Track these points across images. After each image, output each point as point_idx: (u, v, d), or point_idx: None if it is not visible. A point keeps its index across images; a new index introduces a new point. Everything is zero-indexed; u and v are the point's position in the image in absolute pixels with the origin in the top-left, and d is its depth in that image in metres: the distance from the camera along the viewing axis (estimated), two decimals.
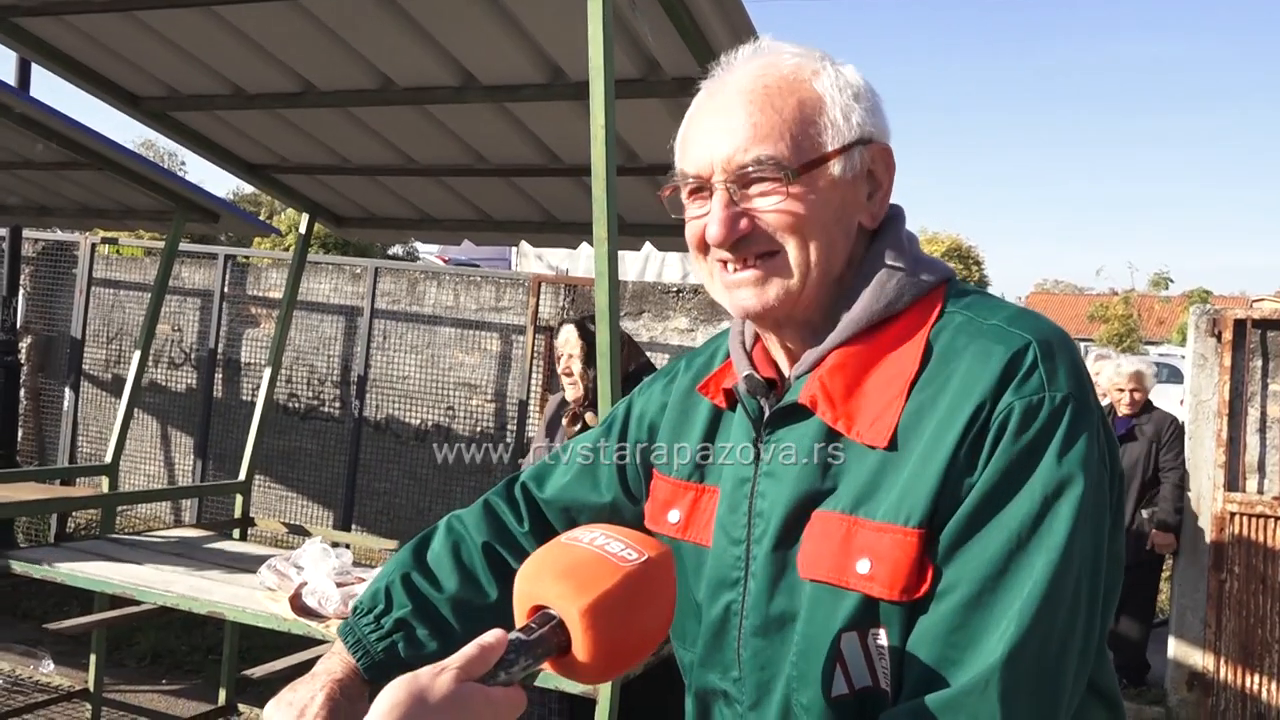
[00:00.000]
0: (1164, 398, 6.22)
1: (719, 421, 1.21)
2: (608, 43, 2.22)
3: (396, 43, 2.99)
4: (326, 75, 3.29)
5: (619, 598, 0.92)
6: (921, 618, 0.97)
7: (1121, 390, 5.85)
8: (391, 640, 1.23)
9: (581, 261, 11.18)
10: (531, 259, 11.59)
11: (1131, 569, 5.54)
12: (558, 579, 0.93)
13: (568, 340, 3.43)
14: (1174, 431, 5.60)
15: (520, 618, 0.95)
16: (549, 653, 0.91)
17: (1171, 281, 32.65)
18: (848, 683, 1.02)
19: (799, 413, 1.08)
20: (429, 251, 17.33)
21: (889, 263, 1.10)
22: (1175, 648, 5.37)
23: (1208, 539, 5.25)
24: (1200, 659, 5.23)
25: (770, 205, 1.06)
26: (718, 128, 1.08)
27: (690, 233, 1.13)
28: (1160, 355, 20.62)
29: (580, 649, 0.91)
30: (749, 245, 1.08)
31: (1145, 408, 5.78)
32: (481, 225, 4.38)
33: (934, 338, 1.04)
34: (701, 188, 1.10)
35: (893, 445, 1.00)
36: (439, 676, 0.82)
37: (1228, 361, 5.27)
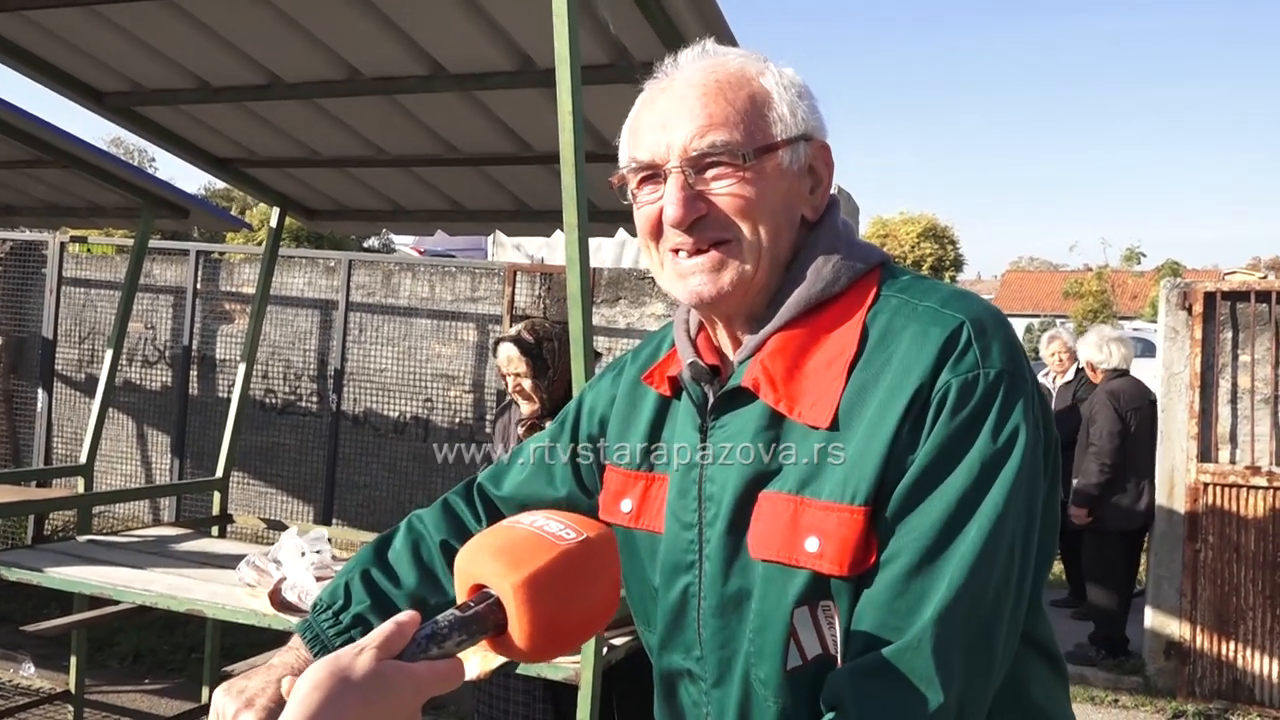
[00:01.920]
0: (1139, 371, 6.31)
1: (666, 411, 1.23)
2: (573, 29, 2.21)
3: (362, 33, 2.97)
4: (292, 67, 3.26)
5: (555, 574, 0.93)
6: (866, 589, 1.01)
7: (1053, 355, 6.52)
8: (349, 635, 1.26)
9: (559, 249, 11.12)
10: (509, 248, 11.54)
11: (1111, 539, 5.62)
12: (494, 557, 0.95)
13: (510, 359, 3.15)
14: (1100, 404, 5.64)
15: (461, 596, 0.96)
16: (485, 630, 0.92)
17: (1144, 256, 32.93)
18: (801, 654, 1.06)
19: (743, 396, 1.11)
20: (404, 243, 17.25)
21: (825, 250, 1.14)
22: (1152, 617, 5.44)
23: (1182, 510, 5.32)
24: (1177, 628, 5.31)
25: (725, 189, 1.09)
26: (672, 116, 1.12)
27: (643, 219, 1.15)
28: (1134, 329, 20.81)
29: (516, 626, 0.92)
30: (704, 229, 1.10)
31: (1106, 379, 5.79)
32: (454, 215, 4.36)
33: (870, 320, 1.08)
34: (655, 174, 1.13)
35: (834, 425, 1.04)
36: (359, 655, 0.83)
37: (1199, 334, 5.33)
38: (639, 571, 1.24)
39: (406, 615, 0.89)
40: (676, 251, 1.13)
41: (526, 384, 3.14)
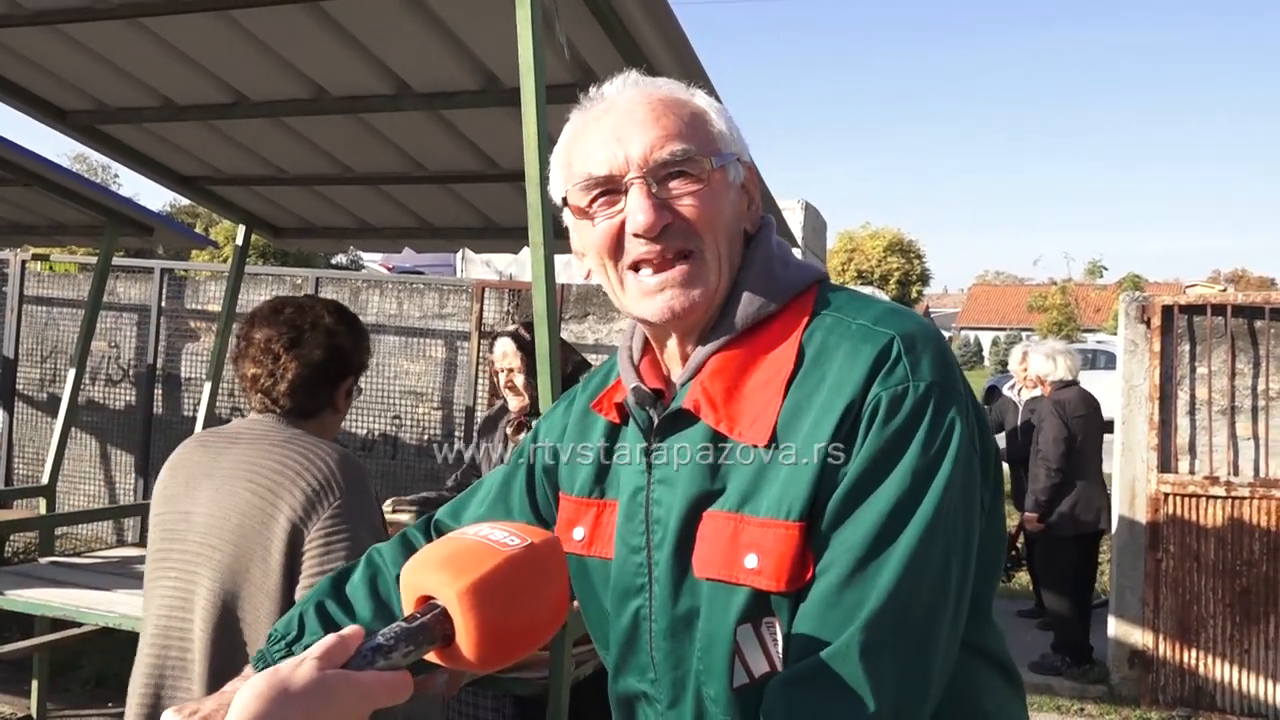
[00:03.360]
0: (1099, 384, 6.42)
1: (616, 437, 1.23)
2: (538, 49, 2.23)
3: (329, 52, 2.98)
4: (258, 86, 3.26)
5: (499, 581, 0.92)
6: (802, 603, 1.02)
7: (1022, 370, 6.46)
8: None
9: (528, 266, 11.13)
10: (478, 265, 11.53)
11: (1061, 544, 5.73)
12: (438, 567, 0.94)
13: (505, 354, 3.30)
14: (1046, 413, 5.80)
15: (408, 609, 0.95)
16: (432, 640, 0.91)
17: (1106, 269, 33.46)
18: (748, 673, 1.06)
19: (685, 418, 1.12)
20: (373, 260, 17.18)
21: (761, 268, 1.14)
22: (1115, 626, 5.51)
23: (1143, 520, 5.40)
24: (1140, 637, 5.38)
25: (688, 199, 1.10)
26: (625, 131, 1.11)
27: (600, 235, 1.13)
28: (1097, 342, 21.06)
29: (463, 634, 0.91)
30: (670, 237, 1.10)
31: (1054, 390, 5.93)
32: (421, 233, 4.37)
33: (806, 339, 1.09)
34: (613, 189, 1.11)
35: (772, 443, 1.05)
36: (299, 666, 0.83)
37: (1157, 347, 5.42)
38: (594, 598, 1.24)
39: (350, 629, 0.88)
40: (637, 269, 1.12)
41: (519, 379, 3.24)
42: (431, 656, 0.93)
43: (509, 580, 0.93)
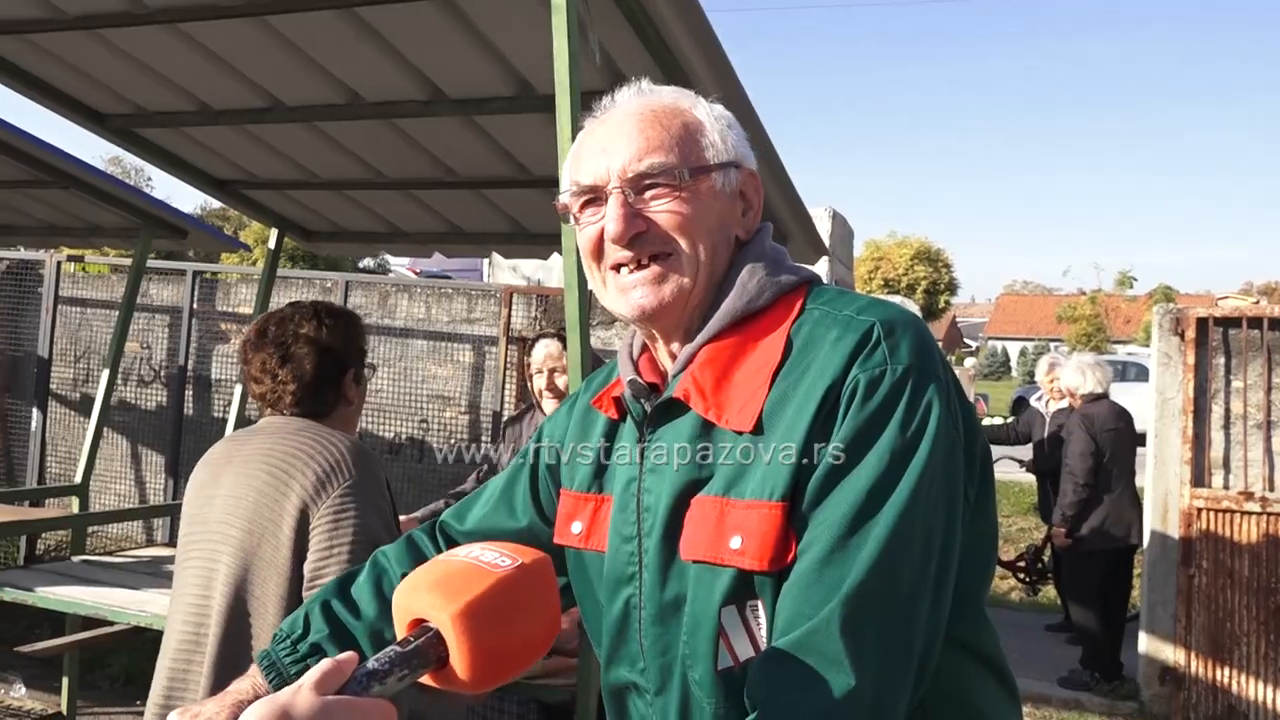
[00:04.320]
0: (1131, 396, 6.36)
1: (615, 433, 1.27)
2: (573, 55, 2.24)
3: (363, 58, 3.00)
4: (293, 91, 3.29)
5: (492, 602, 0.93)
6: (785, 583, 1.04)
7: (1050, 382, 6.54)
8: (306, 664, 1.26)
9: (555, 272, 11.15)
10: (505, 270, 11.56)
11: (1089, 559, 5.67)
12: (430, 590, 0.94)
13: (550, 354, 3.24)
14: (1073, 426, 5.75)
15: (401, 632, 0.96)
16: (427, 664, 0.91)
17: (1136, 280, 33.05)
18: (732, 655, 1.08)
19: (676, 408, 1.16)
20: (400, 264, 17.27)
21: (750, 266, 1.19)
22: (1147, 643, 5.44)
23: (1176, 535, 5.33)
24: (1171, 653, 5.30)
25: (664, 207, 1.15)
26: (612, 142, 1.17)
27: (586, 240, 1.20)
28: (1127, 354, 20.85)
29: (457, 657, 0.91)
30: (644, 244, 1.16)
31: (1084, 404, 5.87)
32: (451, 237, 4.39)
33: (794, 332, 1.12)
34: (596, 198, 1.18)
35: (758, 429, 1.08)
36: (299, 692, 0.83)
37: (1191, 359, 5.35)
38: (590, 592, 1.26)
39: (346, 655, 0.89)
40: (618, 269, 1.18)
41: (561, 381, 3.21)
42: (426, 679, 0.93)
43: (501, 601, 0.94)
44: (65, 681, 4.05)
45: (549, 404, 3.26)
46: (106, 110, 3.59)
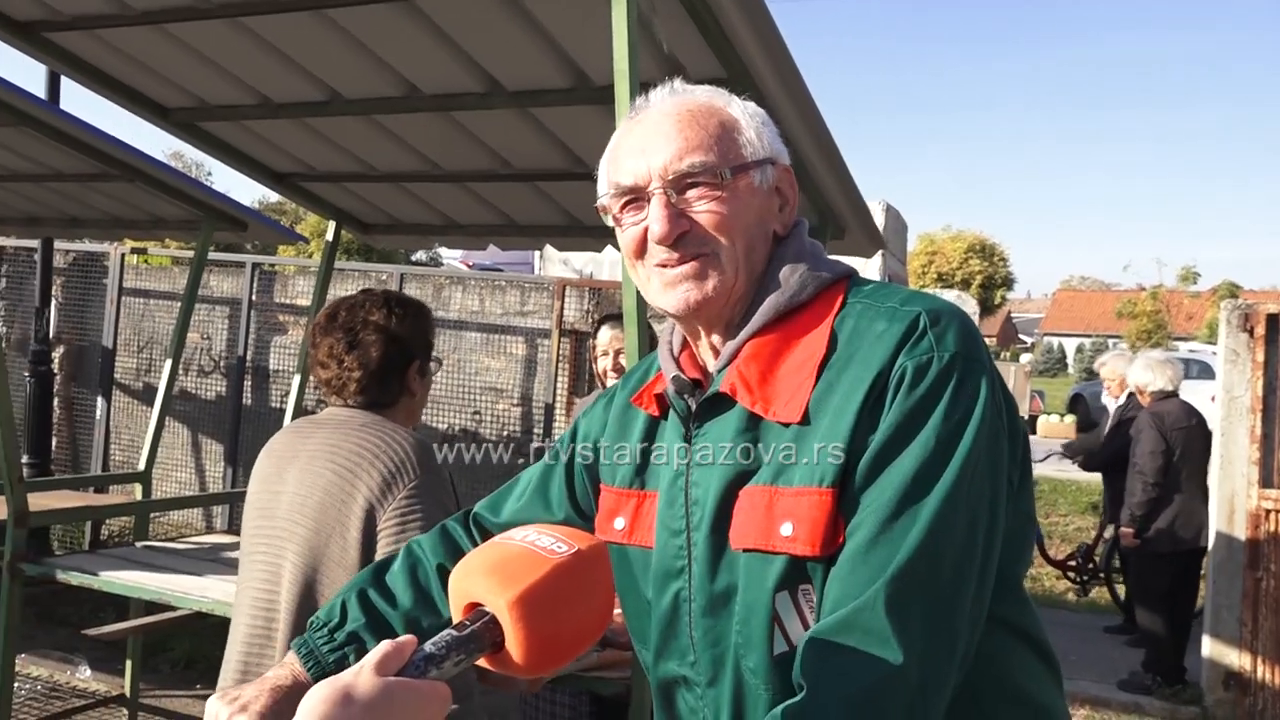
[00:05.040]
0: (1194, 394, 6.25)
1: (655, 430, 1.29)
2: (632, 47, 2.22)
3: (422, 50, 3.01)
4: (352, 83, 3.31)
5: (548, 589, 0.93)
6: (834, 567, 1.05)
7: (1111, 377, 6.56)
8: (343, 653, 1.30)
9: (605, 265, 11.19)
10: (556, 263, 11.60)
11: (1156, 561, 5.54)
12: (487, 574, 0.95)
13: (615, 336, 3.35)
14: (1144, 425, 5.62)
15: (457, 615, 0.97)
16: (483, 648, 0.92)
17: (1199, 276, 32.23)
18: (787, 640, 1.09)
19: (722, 402, 1.17)
20: (452, 257, 17.40)
21: (792, 261, 1.21)
22: (1210, 647, 5.31)
23: (1242, 536, 5.19)
24: (1236, 658, 5.17)
25: (706, 206, 1.17)
26: (651, 143, 1.19)
27: (628, 240, 1.22)
28: (1190, 351, 20.38)
29: (513, 642, 0.92)
30: (687, 244, 1.18)
31: (1153, 401, 5.74)
32: (506, 230, 4.40)
33: (838, 325, 1.14)
34: (638, 198, 1.20)
35: (805, 420, 1.10)
36: (360, 674, 0.84)
37: (1261, 357, 5.21)
38: (633, 588, 1.27)
39: (405, 637, 0.91)
40: (662, 266, 1.19)
41: (626, 363, 3.22)
42: (481, 661, 0.94)
43: (558, 588, 0.94)
44: (129, 664, 4.13)
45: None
46: (170, 104, 3.64)
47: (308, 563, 1.95)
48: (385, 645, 0.88)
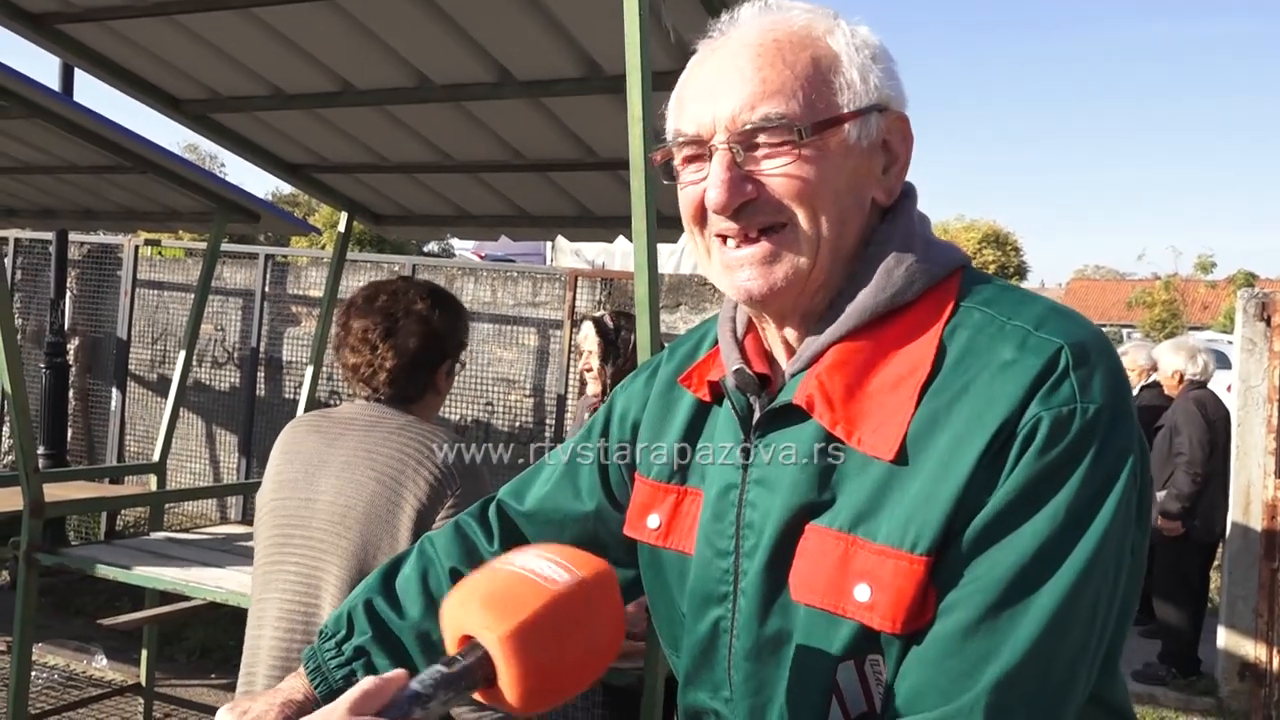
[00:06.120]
0: (1210, 384, 6.20)
1: (704, 418, 1.11)
2: (644, 36, 2.21)
3: (433, 40, 3.01)
4: (364, 74, 3.31)
5: (546, 622, 0.86)
6: (915, 645, 0.89)
7: (1132, 367, 6.44)
8: (351, 668, 1.20)
9: (617, 256, 11.18)
10: (568, 254, 11.61)
11: (1189, 551, 5.51)
12: (481, 606, 0.87)
13: (587, 337, 3.42)
14: (1188, 414, 5.57)
15: (451, 647, 0.89)
16: (474, 685, 0.86)
17: (1215, 265, 31.98)
18: (844, 713, 0.94)
19: (794, 414, 0.98)
20: (464, 248, 17.43)
21: (898, 247, 0.99)
22: (1226, 638, 5.28)
23: (1259, 527, 5.16)
24: (1252, 649, 5.15)
25: (778, 169, 0.95)
26: (721, 83, 0.97)
27: (686, 201, 1.01)
28: (1206, 340, 20.26)
29: (506, 680, 0.85)
30: (753, 214, 0.97)
31: (1187, 389, 5.72)
32: (518, 221, 4.39)
33: (948, 337, 0.93)
34: (700, 152, 0.99)
35: (900, 458, 0.90)
36: (333, 714, 0.80)
37: (1278, 346, 5.17)
38: (665, 594, 1.12)
39: (392, 673, 0.84)
40: (725, 239, 1.00)
41: (594, 364, 3.35)
42: (476, 695, 0.88)
43: (557, 621, 0.86)
44: (144, 654, 4.16)
45: (592, 385, 3.42)
46: (183, 95, 3.65)
47: (354, 575, 1.86)
48: (367, 683, 0.81)
